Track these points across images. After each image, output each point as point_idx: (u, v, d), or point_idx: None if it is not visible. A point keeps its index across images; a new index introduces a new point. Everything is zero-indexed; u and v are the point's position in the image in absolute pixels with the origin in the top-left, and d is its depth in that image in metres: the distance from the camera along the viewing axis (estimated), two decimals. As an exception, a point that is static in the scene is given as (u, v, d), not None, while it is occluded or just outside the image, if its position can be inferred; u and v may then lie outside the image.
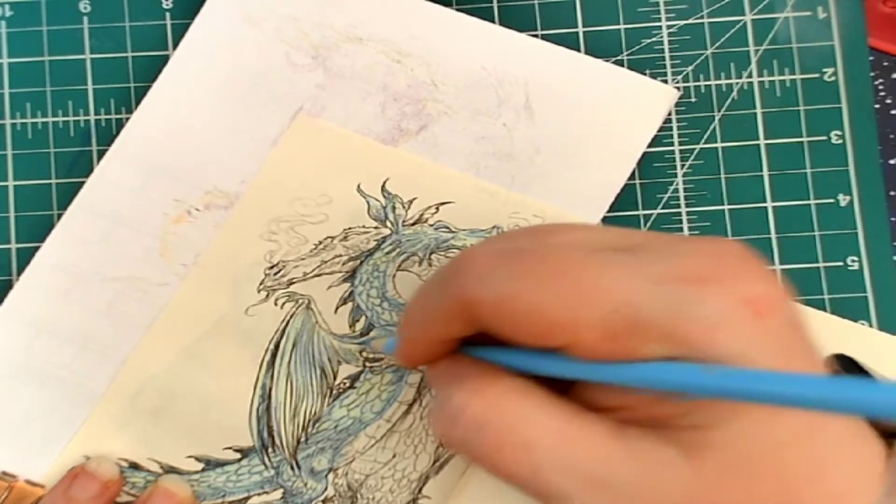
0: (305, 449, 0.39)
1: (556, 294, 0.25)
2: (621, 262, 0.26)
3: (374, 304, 0.40)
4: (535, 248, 0.27)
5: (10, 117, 0.42)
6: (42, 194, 0.42)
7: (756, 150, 0.41)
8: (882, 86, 0.42)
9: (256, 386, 0.39)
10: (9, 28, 0.43)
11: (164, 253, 0.40)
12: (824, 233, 0.41)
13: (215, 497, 0.39)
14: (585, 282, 0.25)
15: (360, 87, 0.42)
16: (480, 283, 0.27)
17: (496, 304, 0.26)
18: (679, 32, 0.42)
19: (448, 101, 0.41)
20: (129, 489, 0.39)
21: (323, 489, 0.39)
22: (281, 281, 0.40)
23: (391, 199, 0.40)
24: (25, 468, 0.39)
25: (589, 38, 0.42)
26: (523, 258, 0.26)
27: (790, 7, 0.42)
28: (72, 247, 0.40)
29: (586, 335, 0.25)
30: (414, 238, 0.40)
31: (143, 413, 0.39)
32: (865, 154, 0.41)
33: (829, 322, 0.39)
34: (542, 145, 0.41)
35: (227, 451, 0.39)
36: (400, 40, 0.42)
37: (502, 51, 0.42)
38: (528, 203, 0.40)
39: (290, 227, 0.40)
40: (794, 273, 0.41)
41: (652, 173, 0.41)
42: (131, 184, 0.41)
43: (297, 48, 0.42)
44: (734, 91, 0.42)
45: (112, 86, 0.43)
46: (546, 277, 0.26)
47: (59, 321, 0.40)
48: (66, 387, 0.39)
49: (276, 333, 0.40)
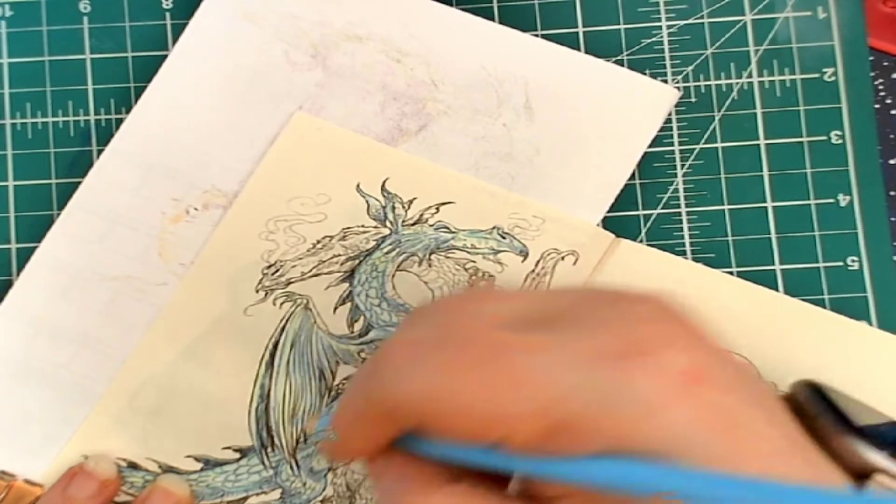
0: (305, 449, 0.39)
1: (480, 388, 0.24)
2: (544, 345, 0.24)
3: (372, 304, 0.40)
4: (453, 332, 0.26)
5: (10, 117, 0.42)
6: (42, 194, 0.42)
7: (756, 150, 0.41)
8: (882, 86, 0.42)
9: (255, 386, 0.39)
10: (9, 28, 0.43)
11: (162, 252, 0.40)
12: (824, 233, 0.41)
13: (214, 497, 0.39)
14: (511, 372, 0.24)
15: (360, 86, 0.41)
16: (399, 384, 0.25)
17: (419, 406, 0.25)
18: (679, 32, 0.42)
19: (448, 100, 0.41)
20: (128, 489, 0.39)
21: (322, 489, 0.39)
22: (279, 281, 0.40)
23: (391, 198, 0.40)
24: (24, 467, 0.39)
25: (589, 38, 0.42)
26: (441, 348, 0.25)
27: (790, 7, 0.42)
28: (70, 246, 0.40)
29: (520, 430, 0.24)
30: (414, 238, 0.40)
31: (141, 413, 0.39)
32: (865, 154, 0.41)
33: (829, 320, 0.39)
34: (541, 145, 0.41)
35: (225, 451, 0.39)
36: (400, 39, 0.42)
37: (503, 50, 0.42)
38: (527, 203, 0.40)
39: (288, 226, 0.40)
40: (794, 273, 0.40)
41: (652, 173, 0.41)
42: (129, 183, 0.41)
43: (296, 46, 0.42)
44: (734, 91, 0.42)
45: (112, 86, 0.43)
46: (468, 368, 0.25)
47: (57, 320, 0.40)
48: (64, 386, 0.39)
49: (275, 333, 0.40)
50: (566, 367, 0.24)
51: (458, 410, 0.25)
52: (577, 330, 0.25)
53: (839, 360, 0.39)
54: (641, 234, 0.41)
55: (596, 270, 0.40)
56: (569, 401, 0.24)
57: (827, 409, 0.26)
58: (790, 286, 0.40)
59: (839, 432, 0.25)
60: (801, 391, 0.27)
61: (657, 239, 0.41)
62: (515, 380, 0.24)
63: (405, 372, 0.25)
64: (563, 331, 0.25)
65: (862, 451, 0.25)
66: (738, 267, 0.40)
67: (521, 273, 0.40)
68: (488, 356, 0.25)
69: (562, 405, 0.24)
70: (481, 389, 0.24)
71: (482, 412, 0.24)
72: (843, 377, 0.38)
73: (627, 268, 0.40)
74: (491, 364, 0.24)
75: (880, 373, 0.39)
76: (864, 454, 0.25)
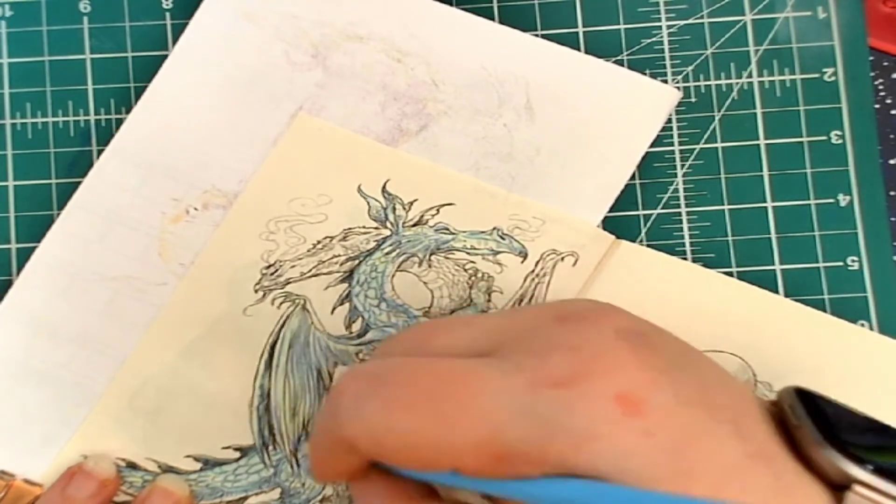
0: (306, 447, 0.39)
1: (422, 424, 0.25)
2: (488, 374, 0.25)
3: (371, 304, 0.40)
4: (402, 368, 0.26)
5: (10, 117, 0.42)
6: (42, 194, 0.42)
7: (756, 150, 0.41)
8: (882, 86, 0.42)
9: (255, 385, 0.39)
10: (9, 28, 0.43)
11: (162, 252, 0.40)
12: (824, 233, 0.41)
13: (213, 497, 0.39)
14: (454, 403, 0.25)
15: (360, 86, 0.41)
16: (352, 420, 0.26)
17: (372, 441, 0.26)
18: (679, 32, 0.42)
19: (448, 100, 0.41)
20: (127, 489, 0.39)
21: (321, 488, 0.39)
22: (277, 281, 0.40)
23: (392, 200, 0.40)
24: (24, 467, 0.39)
25: (589, 38, 0.42)
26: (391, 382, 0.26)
27: (790, 7, 0.42)
28: (70, 246, 0.40)
29: (468, 461, 0.25)
30: (414, 239, 0.40)
31: (141, 412, 0.39)
32: (865, 154, 0.41)
33: (827, 323, 0.39)
34: (542, 146, 0.41)
35: (225, 451, 0.39)
36: (400, 39, 0.42)
37: (503, 51, 0.42)
38: (527, 204, 0.40)
39: (288, 226, 0.40)
40: (794, 273, 0.40)
41: (652, 173, 0.41)
42: (129, 183, 0.41)
43: (296, 46, 0.42)
44: (734, 91, 0.42)
45: (112, 86, 0.43)
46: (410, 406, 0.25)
47: (57, 320, 0.40)
48: (64, 386, 0.39)
49: (273, 333, 0.40)
50: (508, 397, 0.24)
51: (402, 446, 0.25)
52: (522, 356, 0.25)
53: (837, 363, 0.39)
54: (641, 234, 0.41)
55: (596, 272, 0.40)
56: (512, 429, 0.24)
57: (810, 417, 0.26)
58: (790, 286, 0.40)
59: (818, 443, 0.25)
60: (786, 398, 0.27)
61: (657, 239, 0.41)
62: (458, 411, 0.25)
63: (352, 411, 0.26)
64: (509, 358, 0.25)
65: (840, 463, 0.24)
66: (738, 267, 0.40)
67: (520, 274, 0.40)
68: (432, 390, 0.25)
69: (505, 433, 0.24)
70: (423, 425, 0.25)
71: (426, 446, 0.25)
72: (840, 380, 0.38)
73: (627, 269, 0.40)
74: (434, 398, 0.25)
75: (877, 377, 0.39)
76: (843, 466, 0.24)
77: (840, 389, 0.28)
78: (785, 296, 0.40)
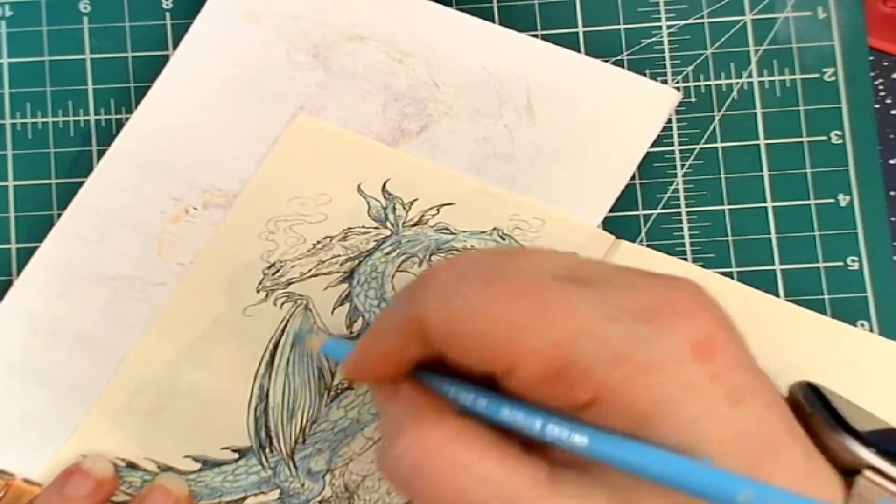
0: (303, 449, 0.39)
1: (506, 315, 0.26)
2: (577, 293, 0.26)
3: (371, 304, 0.40)
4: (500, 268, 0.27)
5: (10, 117, 0.42)
6: (42, 194, 0.42)
7: (756, 150, 0.41)
8: (882, 86, 0.42)
9: (254, 386, 0.39)
10: (9, 28, 0.43)
11: (161, 252, 0.40)
12: (824, 233, 0.41)
13: (212, 497, 0.39)
14: (537, 306, 0.25)
15: (361, 86, 0.41)
16: (436, 299, 0.27)
17: (448, 322, 0.26)
18: (679, 32, 0.42)
19: (449, 101, 0.41)
20: (126, 489, 0.39)
21: (320, 490, 0.39)
22: (279, 281, 0.40)
23: (392, 200, 0.40)
24: (23, 467, 0.39)
25: (589, 38, 0.42)
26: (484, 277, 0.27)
27: (790, 7, 0.42)
28: (70, 245, 0.40)
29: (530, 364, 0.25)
30: (414, 239, 0.40)
31: (140, 412, 0.39)
32: (865, 154, 0.41)
33: (827, 325, 0.39)
34: (543, 147, 0.41)
35: (224, 452, 0.39)
36: (401, 39, 0.42)
37: (504, 51, 0.42)
38: (528, 205, 0.40)
39: (288, 226, 0.40)
40: (794, 273, 0.40)
41: (652, 173, 0.41)
42: (129, 182, 0.41)
43: (297, 46, 0.42)
44: (734, 91, 0.42)
45: (112, 86, 0.43)
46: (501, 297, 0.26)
47: (56, 320, 0.40)
48: (63, 386, 0.39)
49: (276, 334, 0.39)
50: (590, 313, 0.25)
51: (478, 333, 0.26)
52: (613, 287, 0.26)
53: (836, 365, 0.39)
54: (641, 234, 0.41)
55: (596, 271, 0.40)
56: (586, 343, 0.25)
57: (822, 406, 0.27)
58: (790, 286, 0.40)
59: (832, 428, 0.26)
60: (798, 390, 0.28)
61: (657, 239, 0.41)
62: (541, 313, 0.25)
63: (443, 291, 0.27)
64: (602, 287, 0.26)
65: (853, 447, 0.26)
66: (738, 267, 0.40)
67: (520, 274, 0.40)
68: (524, 291, 0.26)
69: (579, 345, 0.25)
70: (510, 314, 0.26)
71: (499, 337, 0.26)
72: (839, 382, 0.38)
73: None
74: (524, 297, 0.26)
75: (877, 378, 0.39)
76: (855, 451, 0.25)
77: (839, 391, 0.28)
78: (785, 296, 0.40)
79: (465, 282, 0.27)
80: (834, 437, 0.26)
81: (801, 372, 0.38)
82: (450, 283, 0.27)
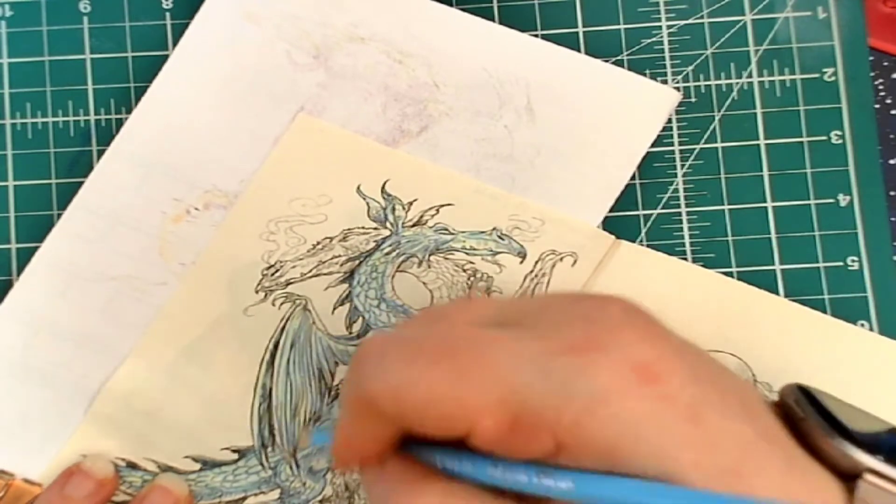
0: (305, 448, 0.39)
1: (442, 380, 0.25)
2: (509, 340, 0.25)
3: (371, 305, 0.40)
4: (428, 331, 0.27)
5: (10, 117, 0.42)
6: (42, 194, 0.42)
7: (756, 150, 0.41)
8: (882, 86, 0.42)
9: (257, 386, 0.39)
10: (9, 28, 0.43)
11: (162, 252, 0.40)
12: (824, 233, 0.41)
13: (212, 497, 0.39)
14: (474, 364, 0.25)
15: (362, 87, 0.42)
16: (375, 376, 0.26)
17: (393, 397, 0.26)
18: (679, 32, 0.42)
19: (449, 101, 0.41)
20: (126, 488, 0.39)
21: (321, 489, 0.39)
22: (279, 281, 0.40)
23: (391, 200, 0.40)
24: (23, 466, 0.39)
25: (589, 38, 0.42)
26: (414, 343, 0.26)
27: (790, 7, 0.42)
28: (70, 245, 0.40)
29: (484, 423, 0.25)
30: (414, 239, 0.40)
31: (140, 413, 0.39)
32: (865, 154, 0.41)
33: (827, 324, 0.39)
34: (542, 147, 0.41)
35: (224, 452, 0.39)
36: (401, 40, 0.42)
37: (504, 52, 0.42)
38: (528, 205, 0.40)
39: (289, 227, 0.40)
40: (794, 273, 0.40)
41: (652, 173, 0.41)
42: (130, 183, 0.41)
43: (298, 47, 0.42)
44: (734, 91, 0.42)
45: (112, 86, 0.43)
46: (433, 362, 0.25)
47: (57, 320, 0.40)
48: (64, 385, 0.39)
49: (275, 334, 0.39)
50: (526, 360, 0.25)
51: (422, 402, 0.25)
52: (541, 327, 0.26)
53: (836, 363, 0.39)
54: (641, 234, 0.41)
55: (596, 272, 0.40)
56: (527, 390, 0.24)
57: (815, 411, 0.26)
58: (790, 286, 0.40)
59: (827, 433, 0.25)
60: (789, 394, 0.27)
61: (657, 239, 0.41)
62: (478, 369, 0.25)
63: (376, 367, 0.26)
64: (530, 328, 0.26)
65: (851, 451, 0.25)
66: (738, 267, 0.40)
67: (519, 274, 0.40)
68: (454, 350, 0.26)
69: (520, 395, 0.24)
70: (443, 379, 0.25)
71: (444, 403, 0.25)
72: (839, 381, 0.38)
73: (627, 270, 0.40)
74: (455, 357, 0.25)
75: (877, 377, 0.39)
76: (854, 455, 0.25)
77: (838, 390, 0.28)
78: (785, 296, 0.40)
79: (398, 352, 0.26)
80: (828, 441, 0.25)
81: (801, 371, 0.38)
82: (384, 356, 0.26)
